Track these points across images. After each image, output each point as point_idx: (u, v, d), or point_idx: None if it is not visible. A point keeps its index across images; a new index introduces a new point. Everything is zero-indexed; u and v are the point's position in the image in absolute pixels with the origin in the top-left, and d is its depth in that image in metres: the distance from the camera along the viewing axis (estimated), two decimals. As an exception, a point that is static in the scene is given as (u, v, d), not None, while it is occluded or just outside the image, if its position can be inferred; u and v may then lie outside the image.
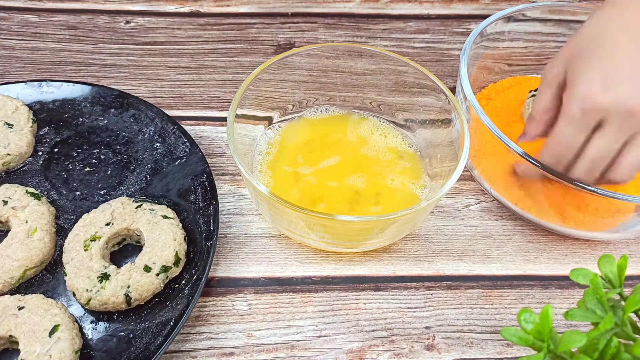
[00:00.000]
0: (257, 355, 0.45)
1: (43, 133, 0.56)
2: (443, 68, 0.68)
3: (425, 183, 0.54)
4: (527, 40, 0.62)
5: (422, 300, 0.49)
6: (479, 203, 0.56)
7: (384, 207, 0.51)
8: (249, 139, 0.54)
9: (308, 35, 0.70)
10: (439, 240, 0.53)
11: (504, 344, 0.47)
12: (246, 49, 0.68)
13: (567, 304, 0.50)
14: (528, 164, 0.46)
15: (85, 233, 0.47)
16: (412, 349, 0.46)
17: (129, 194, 0.52)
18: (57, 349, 0.41)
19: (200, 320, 0.47)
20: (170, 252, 0.46)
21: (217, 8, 0.73)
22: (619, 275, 0.35)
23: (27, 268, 0.46)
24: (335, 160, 0.54)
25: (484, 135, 0.50)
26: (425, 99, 0.54)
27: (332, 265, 0.51)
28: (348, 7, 0.74)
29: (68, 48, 0.67)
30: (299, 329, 0.47)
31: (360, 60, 0.56)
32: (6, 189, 0.49)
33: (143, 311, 0.45)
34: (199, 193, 0.51)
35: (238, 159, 0.46)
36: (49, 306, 0.43)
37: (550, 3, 0.60)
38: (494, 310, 0.49)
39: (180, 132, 0.55)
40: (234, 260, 0.51)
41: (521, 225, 0.55)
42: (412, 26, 0.72)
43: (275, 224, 0.49)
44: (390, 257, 0.52)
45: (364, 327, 0.47)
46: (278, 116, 0.57)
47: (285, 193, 0.51)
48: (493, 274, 0.51)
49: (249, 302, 0.48)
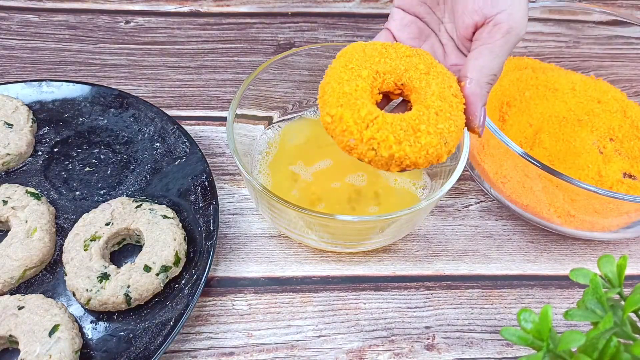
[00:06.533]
0: (257, 355, 0.45)
1: (43, 133, 0.56)
2: (443, 68, 0.68)
3: (425, 183, 0.54)
4: (527, 40, 0.62)
5: (422, 300, 0.49)
6: (479, 203, 0.56)
7: (383, 207, 0.51)
8: (249, 139, 0.54)
9: (308, 35, 0.70)
10: (439, 240, 0.53)
11: (503, 343, 0.47)
12: (246, 49, 0.68)
13: (567, 304, 0.50)
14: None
15: (85, 233, 0.47)
16: (412, 348, 0.46)
17: (129, 194, 0.52)
18: (57, 348, 0.41)
19: (200, 320, 0.47)
20: (170, 252, 0.46)
21: (217, 8, 0.73)
22: (619, 275, 0.35)
23: (27, 268, 0.46)
24: (334, 160, 0.54)
25: (484, 135, 0.50)
26: (425, 98, 0.54)
27: (332, 265, 0.51)
28: (348, 7, 0.74)
29: (68, 48, 0.67)
30: (299, 329, 0.47)
31: (360, 60, 0.56)
32: (6, 188, 0.49)
33: (143, 311, 0.45)
34: (198, 193, 0.51)
35: (238, 158, 0.46)
36: (48, 306, 0.43)
37: (550, 3, 0.60)
38: (494, 310, 0.49)
39: (180, 132, 0.55)
40: (233, 260, 0.51)
41: (521, 225, 0.55)
42: (412, 26, 0.72)
43: (275, 223, 0.49)
44: (390, 257, 0.52)
45: (363, 327, 0.47)
46: (278, 116, 0.57)
47: (285, 193, 0.51)
48: (493, 274, 0.51)
49: (249, 302, 0.48)
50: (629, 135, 0.54)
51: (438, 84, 0.39)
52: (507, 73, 0.59)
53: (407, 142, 0.36)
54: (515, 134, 0.54)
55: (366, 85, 0.38)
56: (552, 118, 0.55)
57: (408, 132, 0.36)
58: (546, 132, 0.54)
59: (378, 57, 0.40)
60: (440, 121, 0.37)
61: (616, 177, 0.51)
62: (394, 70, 0.40)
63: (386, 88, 0.40)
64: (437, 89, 0.39)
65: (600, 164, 0.52)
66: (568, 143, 0.53)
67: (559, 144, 0.53)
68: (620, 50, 0.62)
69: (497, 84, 0.58)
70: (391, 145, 0.36)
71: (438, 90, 0.38)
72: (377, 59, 0.40)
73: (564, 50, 0.63)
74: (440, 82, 0.39)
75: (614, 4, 0.76)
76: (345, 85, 0.38)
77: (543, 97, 0.57)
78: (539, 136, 0.53)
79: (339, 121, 0.37)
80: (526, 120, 0.55)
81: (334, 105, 0.37)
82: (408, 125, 0.36)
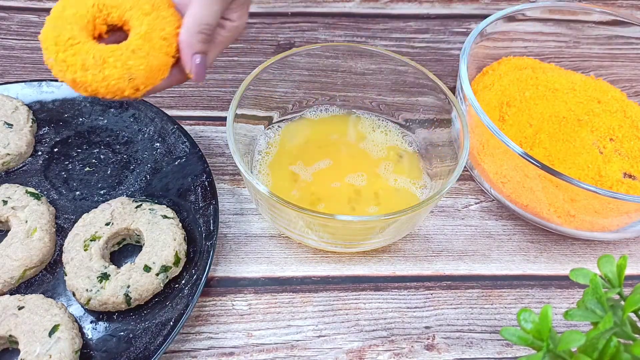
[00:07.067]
0: (257, 355, 0.45)
1: (43, 133, 0.56)
2: (443, 68, 0.68)
3: (425, 183, 0.54)
4: (527, 40, 0.62)
5: (422, 300, 0.49)
6: (479, 203, 0.56)
7: (383, 207, 0.51)
8: (249, 139, 0.54)
9: (308, 35, 0.70)
10: (439, 240, 0.53)
11: (503, 343, 0.47)
12: (246, 49, 0.68)
13: (567, 304, 0.50)
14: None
15: (85, 233, 0.47)
16: (412, 348, 0.46)
17: (129, 194, 0.52)
18: (57, 349, 0.41)
19: (200, 320, 0.47)
20: (170, 252, 0.46)
21: (217, 8, 0.72)
22: (619, 275, 0.35)
23: (27, 268, 0.46)
24: (334, 160, 0.54)
25: (484, 134, 0.50)
26: (425, 98, 0.54)
27: (331, 265, 0.51)
28: (348, 7, 0.74)
29: (68, 48, 0.67)
30: (299, 329, 0.47)
31: (360, 60, 0.56)
32: (6, 188, 0.49)
33: (143, 311, 0.45)
34: (198, 193, 0.51)
35: (238, 158, 0.46)
36: (48, 306, 0.43)
37: (550, 3, 0.60)
38: (494, 310, 0.49)
39: (180, 132, 0.55)
40: (233, 260, 0.51)
41: (521, 225, 0.55)
42: (412, 26, 0.72)
43: (275, 223, 0.49)
44: (390, 257, 0.52)
45: (363, 327, 0.47)
46: (278, 116, 0.57)
47: (285, 193, 0.51)
48: (493, 274, 0.51)
49: (249, 302, 0.48)
50: (629, 135, 0.54)
51: (150, 25, 0.41)
52: (507, 73, 0.59)
53: (92, 71, 0.39)
54: (515, 134, 0.54)
55: (86, 14, 0.41)
56: (552, 118, 0.55)
57: (98, 62, 0.39)
58: (546, 132, 0.54)
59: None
60: (132, 58, 0.40)
61: (616, 177, 0.51)
62: (120, 5, 0.42)
63: (111, 21, 0.42)
64: (146, 29, 0.41)
65: (600, 164, 0.52)
66: (568, 143, 0.53)
67: (558, 143, 0.53)
68: (620, 50, 0.62)
69: (497, 83, 0.58)
70: (76, 71, 0.39)
71: (145, 30, 0.41)
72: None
73: (564, 50, 0.63)
74: (154, 24, 0.41)
75: (614, 4, 0.76)
76: (68, 9, 0.41)
77: (543, 97, 0.57)
78: (538, 136, 0.53)
79: (43, 40, 0.40)
80: (526, 120, 0.55)
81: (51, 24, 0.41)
82: (101, 56, 0.39)
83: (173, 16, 0.43)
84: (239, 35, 0.46)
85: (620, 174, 0.52)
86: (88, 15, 0.41)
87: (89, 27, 0.41)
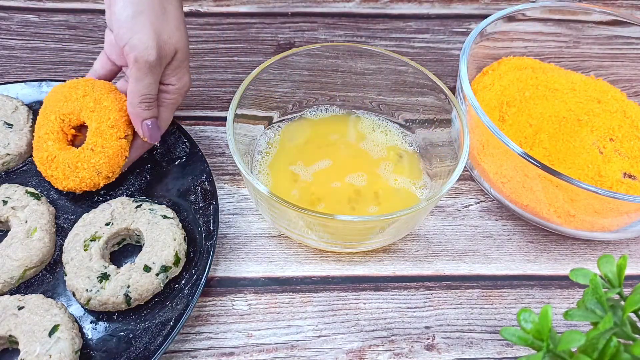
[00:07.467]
0: (256, 355, 0.45)
1: (43, 133, 0.55)
2: (443, 68, 0.68)
3: (425, 183, 0.54)
4: (527, 40, 0.62)
5: (422, 300, 0.49)
6: (479, 203, 0.56)
7: (383, 207, 0.51)
8: (249, 139, 0.54)
9: (308, 35, 0.70)
10: (439, 240, 0.53)
11: (503, 343, 0.47)
12: (246, 49, 0.68)
13: (567, 304, 0.50)
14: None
15: (85, 233, 0.47)
16: (412, 348, 0.46)
17: (129, 194, 0.52)
18: (57, 349, 0.41)
19: (200, 320, 0.47)
20: (170, 252, 0.46)
21: (217, 8, 0.73)
22: (619, 275, 0.35)
23: (27, 268, 0.46)
24: (334, 160, 0.54)
25: (484, 134, 0.50)
26: (425, 98, 0.54)
27: (331, 265, 0.51)
28: (348, 7, 0.74)
29: (68, 48, 0.67)
30: (299, 329, 0.47)
31: (360, 60, 0.56)
32: (6, 188, 0.49)
33: (143, 311, 0.45)
34: (198, 193, 0.51)
35: (238, 158, 0.46)
36: (48, 306, 0.43)
37: (550, 3, 0.60)
38: (494, 310, 0.49)
39: (180, 132, 0.55)
40: (233, 260, 0.51)
41: (521, 225, 0.55)
42: (412, 26, 0.72)
43: (275, 223, 0.49)
44: (390, 257, 0.52)
45: (363, 327, 0.47)
46: (278, 116, 0.57)
47: (285, 193, 0.51)
48: (493, 274, 0.51)
49: (249, 302, 0.48)
50: (629, 135, 0.54)
51: (98, 120, 0.49)
52: (507, 73, 0.59)
53: (72, 178, 0.49)
54: (515, 134, 0.54)
55: (55, 127, 0.49)
56: (552, 118, 0.55)
57: (72, 169, 0.49)
58: (546, 132, 0.54)
59: (63, 100, 0.50)
60: (93, 156, 0.48)
61: (616, 177, 0.51)
62: (73, 111, 0.49)
63: (74, 124, 0.50)
64: (96, 124, 0.49)
65: (600, 164, 0.52)
66: (568, 143, 0.53)
67: (558, 143, 0.53)
68: (620, 50, 0.62)
69: (497, 83, 0.58)
70: (62, 181, 0.49)
71: (95, 127, 0.49)
72: (62, 103, 0.50)
73: (564, 50, 0.63)
74: (100, 117, 0.49)
75: (614, 4, 0.76)
76: (41, 129, 0.50)
77: (543, 97, 0.57)
78: (538, 136, 0.53)
79: (36, 162, 0.50)
80: (526, 120, 0.55)
81: (35, 147, 0.50)
82: (73, 163, 0.49)
83: (114, 102, 0.49)
84: (185, 93, 0.51)
85: (620, 174, 0.52)
86: (55, 127, 0.49)
87: (60, 137, 0.50)
